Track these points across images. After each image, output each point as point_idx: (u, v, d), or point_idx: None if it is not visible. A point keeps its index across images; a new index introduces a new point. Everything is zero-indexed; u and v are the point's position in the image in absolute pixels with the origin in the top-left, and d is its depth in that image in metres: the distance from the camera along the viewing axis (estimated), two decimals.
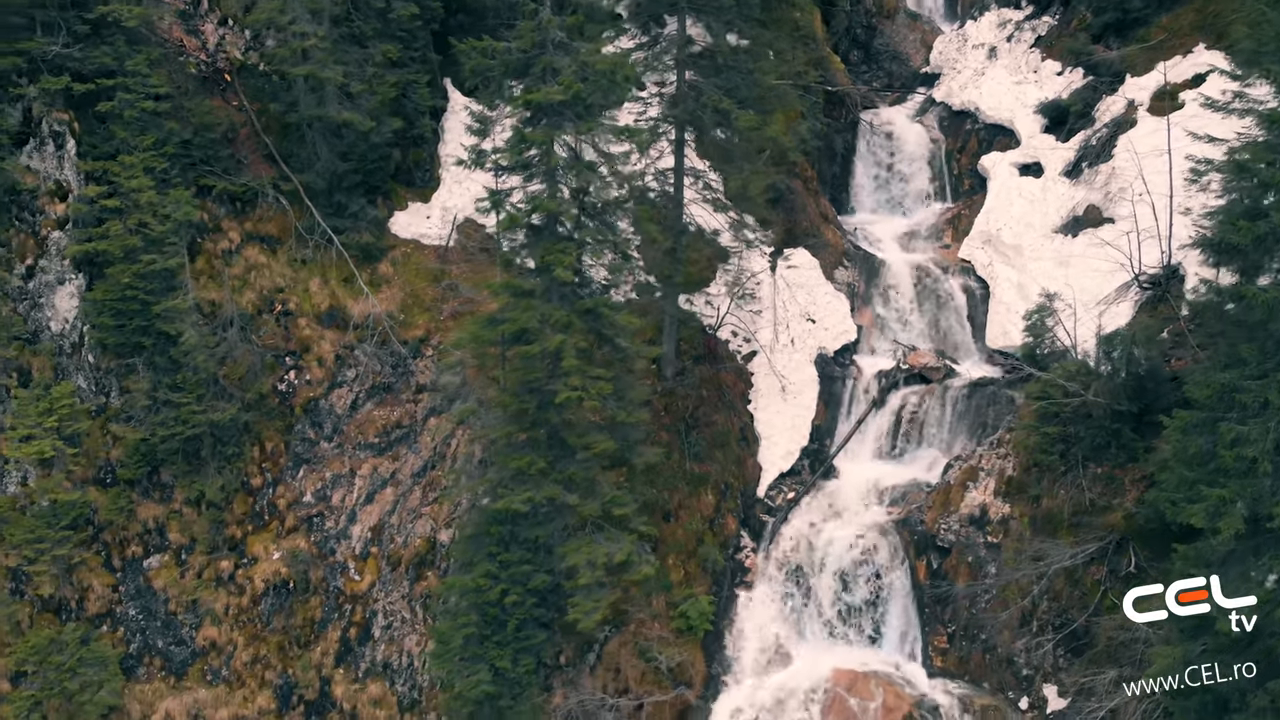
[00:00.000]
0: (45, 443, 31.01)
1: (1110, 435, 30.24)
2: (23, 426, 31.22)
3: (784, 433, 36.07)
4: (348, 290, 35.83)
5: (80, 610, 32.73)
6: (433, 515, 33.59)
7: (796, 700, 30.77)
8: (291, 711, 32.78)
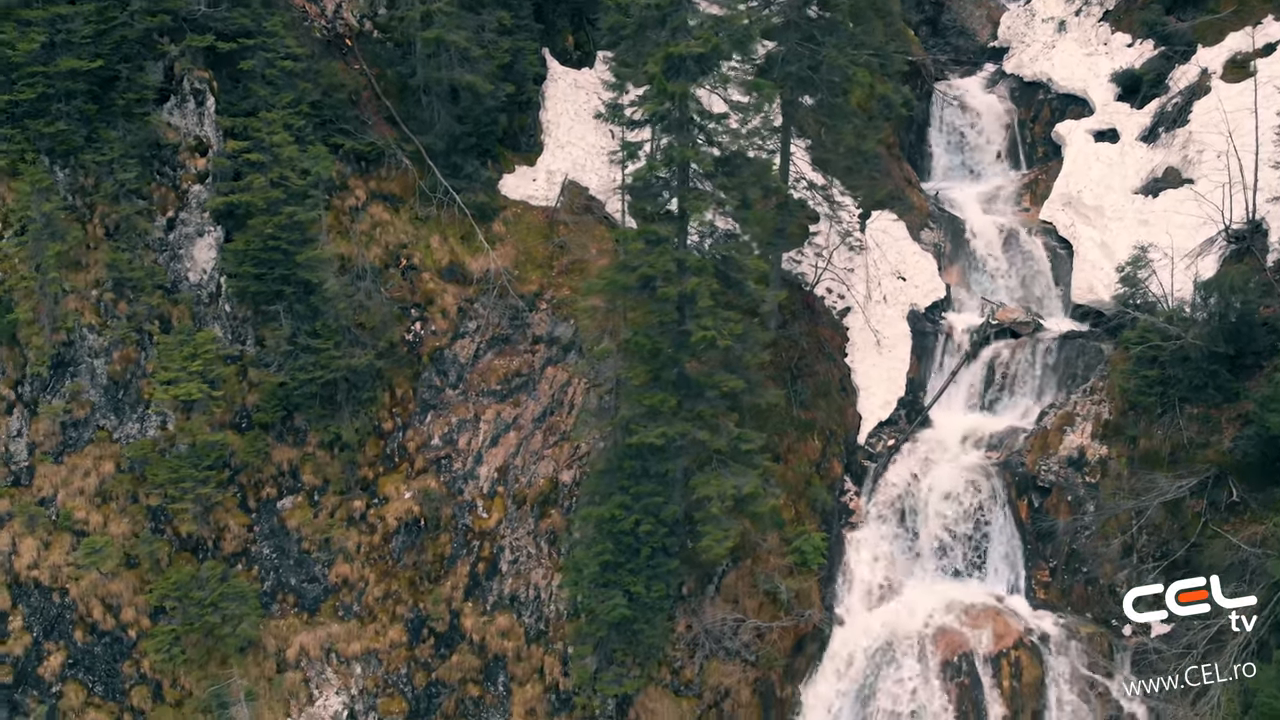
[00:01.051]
0: (191, 385, 32.57)
1: (1207, 376, 31.91)
2: (168, 370, 32.80)
3: (881, 384, 37.73)
4: (465, 247, 37.46)
5: (217, 549, 34.25)
6: (554, 457, 35.20)
7: (908, 629, 32.44)
8: (422, 644, 34.38)
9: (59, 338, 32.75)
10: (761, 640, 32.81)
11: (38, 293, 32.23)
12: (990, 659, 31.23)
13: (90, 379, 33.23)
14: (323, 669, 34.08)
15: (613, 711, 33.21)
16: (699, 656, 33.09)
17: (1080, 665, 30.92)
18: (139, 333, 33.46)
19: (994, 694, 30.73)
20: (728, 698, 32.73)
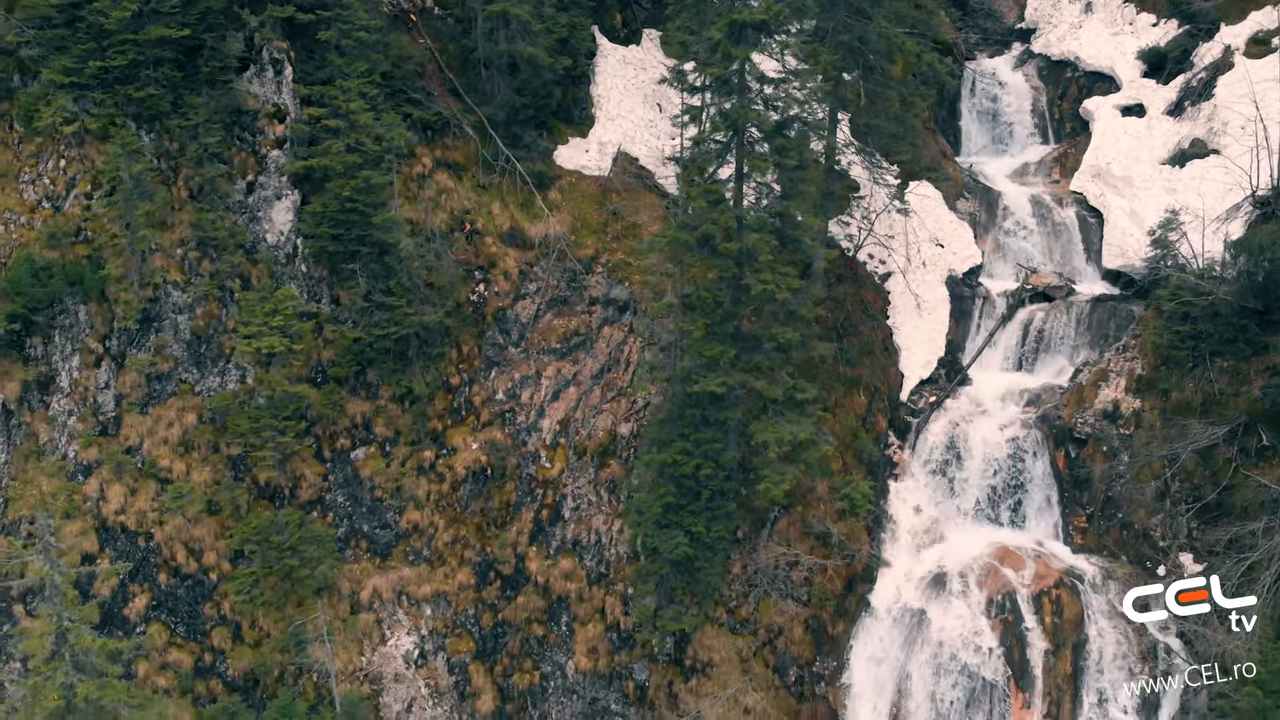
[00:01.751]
0: (272, 339, 34.31)
1: (1237, 331, 33.66)
2: (250, 325, 34.56)
3: (921, 345, 39.46)
4: (524, 213, 39.23)
5: (293, 497, 35.99)
6: (612, 411, 36.97)
7: (954, 571, 34.16)
8: (489, 586, 36.14)
9: (146, 294, 34.48)
10: (812, 581, 34.58)
11: (127, 250, 33.97)
12: (1032, 597, 32.96)
13: (174, 334, 34.97)
14: (394, 610, 35.84)
15: (671, 649, 34.98)
16: (753, 596, 34.86)
17: (1117, 603, 32.61)
18: (221, 290, 35.23)
19: (1036, 629, 32.42)
20: (781, 635, 34.49)
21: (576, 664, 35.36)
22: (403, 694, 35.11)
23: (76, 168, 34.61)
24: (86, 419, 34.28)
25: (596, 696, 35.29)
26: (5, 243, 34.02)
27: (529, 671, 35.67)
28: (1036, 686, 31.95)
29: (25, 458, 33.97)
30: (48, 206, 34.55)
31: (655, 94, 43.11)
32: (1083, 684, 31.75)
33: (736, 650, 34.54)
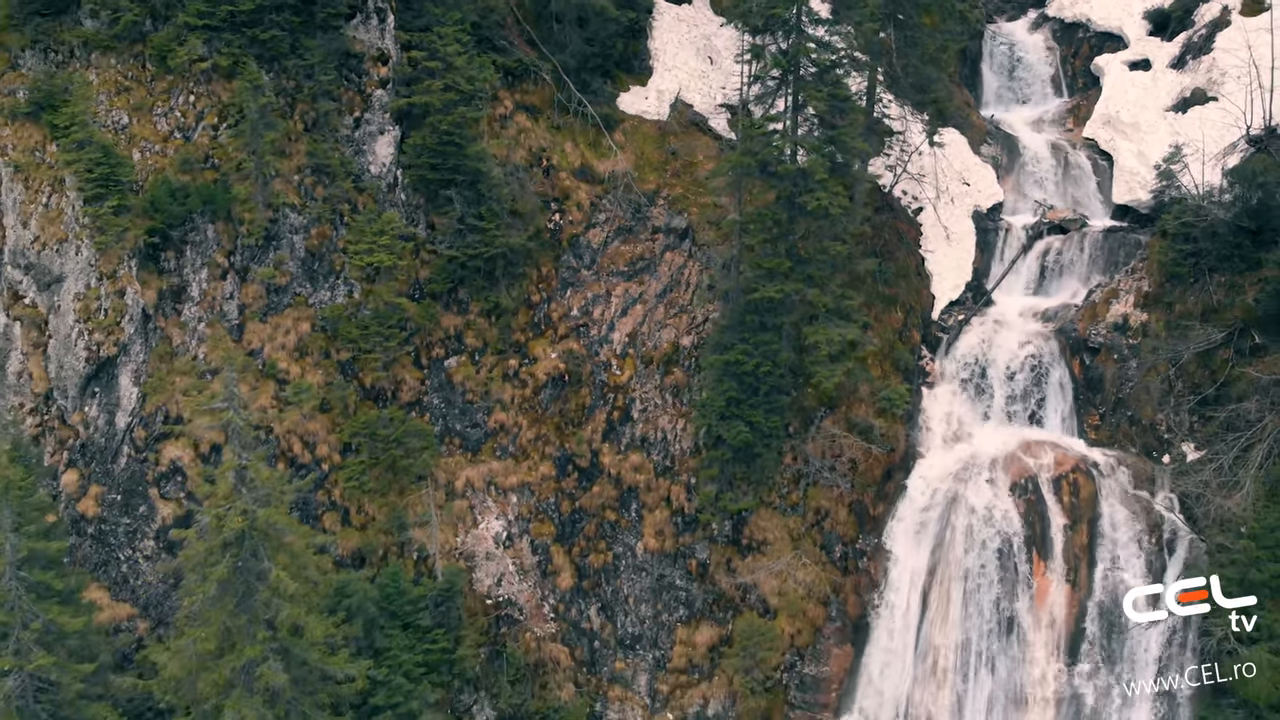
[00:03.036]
0: (380, 255, 38.86)
1: (1233, 248, 38.09)
2: (361, 242, 39.07)
3: (950, 271, 43.92)
4: (593, 152, 43.70)
5: (395, 398, 40.46)
6: (675, 325, 41.42)
7: (981, 459, 38.60)
8: (567, 478, 40.62)
9: (268, 215, 38.97)
10: (855, 470, 39.03)
11: (253, 175, 38.45)
12: (1052, 481, 37.38)
13: (290, 251, 39.44)
14: (484, 498, 40.34)
15: (729, 530, 39.46)
16: (803, 484, 39.30)
17: (1128, 486, 37.05)
18: (333, 213, 39.70)
19: (1055, 507, 36.85)
20: (828, 517, 38.95)
21: (645, 545, 39.87)
22: (493, 570, 39.60)
23: (205, 102, 39.08)
24: (214, 325, 38.80)
25: (663, 573, 39.77)
26: (142, 168, 38.47)
27: (603, 552, 40.18)
28: (1056, 556, 36.38)
29: (161, 358, 38.43)
30: (179, 137, 39.02)
31: (706, 48, 47.58)
32: (1097, 553, 36.16)
33: (788, 530, 39.01)
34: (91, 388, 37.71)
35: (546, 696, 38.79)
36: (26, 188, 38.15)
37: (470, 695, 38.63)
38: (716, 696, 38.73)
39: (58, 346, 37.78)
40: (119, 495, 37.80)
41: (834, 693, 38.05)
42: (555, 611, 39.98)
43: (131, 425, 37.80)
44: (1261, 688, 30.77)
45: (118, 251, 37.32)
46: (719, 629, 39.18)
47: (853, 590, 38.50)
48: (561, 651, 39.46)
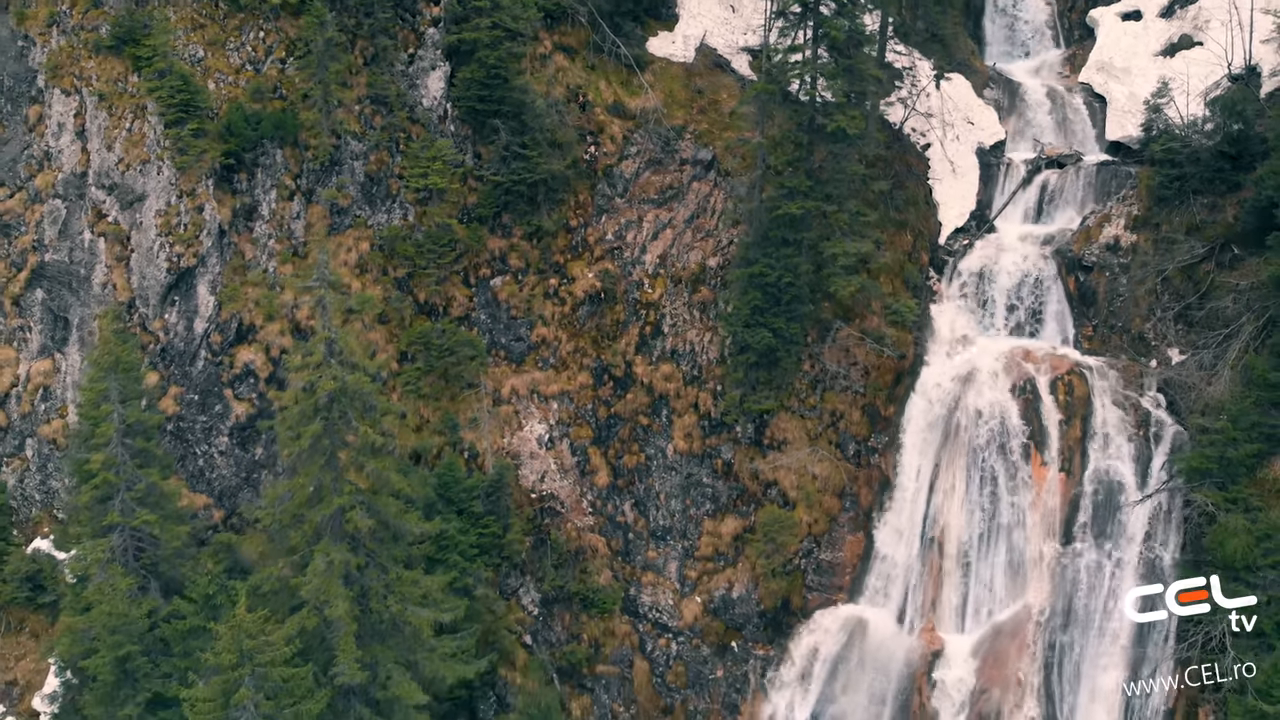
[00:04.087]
0: (435, 178, 42.46)
1: (1215, 172, 41.63)
2: (418, 167, 42.66)
3: (955, 201, 47.43)
4: (625, 90, 47.26)
5: (446, 313, 44.05)
6: (702, 248, 44.96)
7: (983, 365, 42.12)
8: (603, 387, 44.20)
9: (331, 141, 42.55)
10: (868, 376, 42.60)
11: (318, 103, 42.02)
12: (1049, 382, 40.88)
13: (351, 176, 43.04)
14: (528, 405, 43.93)
15: (752, 432, 43.02)
16: (820, 389, 42.86)
17: (1118, 386, 40.56)
18: (390, 141, 43.29)
19: (1051, 405, 40.34)
20: (842, 418, 42.52)
21: (675, 447, 43.46)
22: (537, 468, 43.19)
23: (273, 37, 42.67)
24: (282, 241, 42.38)
25: (691, 472, 43.35)
26: (217, 98, 42.04)
27: (636, 453, 43.77)
28: (1052, 448, 39.92)
29: (234, 271, 42.01)
30: (250, 69, 42.62)
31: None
32: (1089, 445, 39.70)
33: (805, 431, 42.59)
34: (171, 296, 41.30)
35: (586, 580, 42.37)
36: (110, 115, 41.74)
37: (517, 579, 42.25)
38: (740, 581, 42.32)
39: (140, 259, 41.37)
40: (196, 395, 41.42)
41: (848, 576, 41.63)
42: (593, 506, 43.58)
43: (208, 331, 41.40)
44: (1236, 549, 34.29)
45: (196, 171, 40.90)
46: (742, 521, 42.77)
47: (865, 483, 42.08)
48: (599, 541, 43.08)
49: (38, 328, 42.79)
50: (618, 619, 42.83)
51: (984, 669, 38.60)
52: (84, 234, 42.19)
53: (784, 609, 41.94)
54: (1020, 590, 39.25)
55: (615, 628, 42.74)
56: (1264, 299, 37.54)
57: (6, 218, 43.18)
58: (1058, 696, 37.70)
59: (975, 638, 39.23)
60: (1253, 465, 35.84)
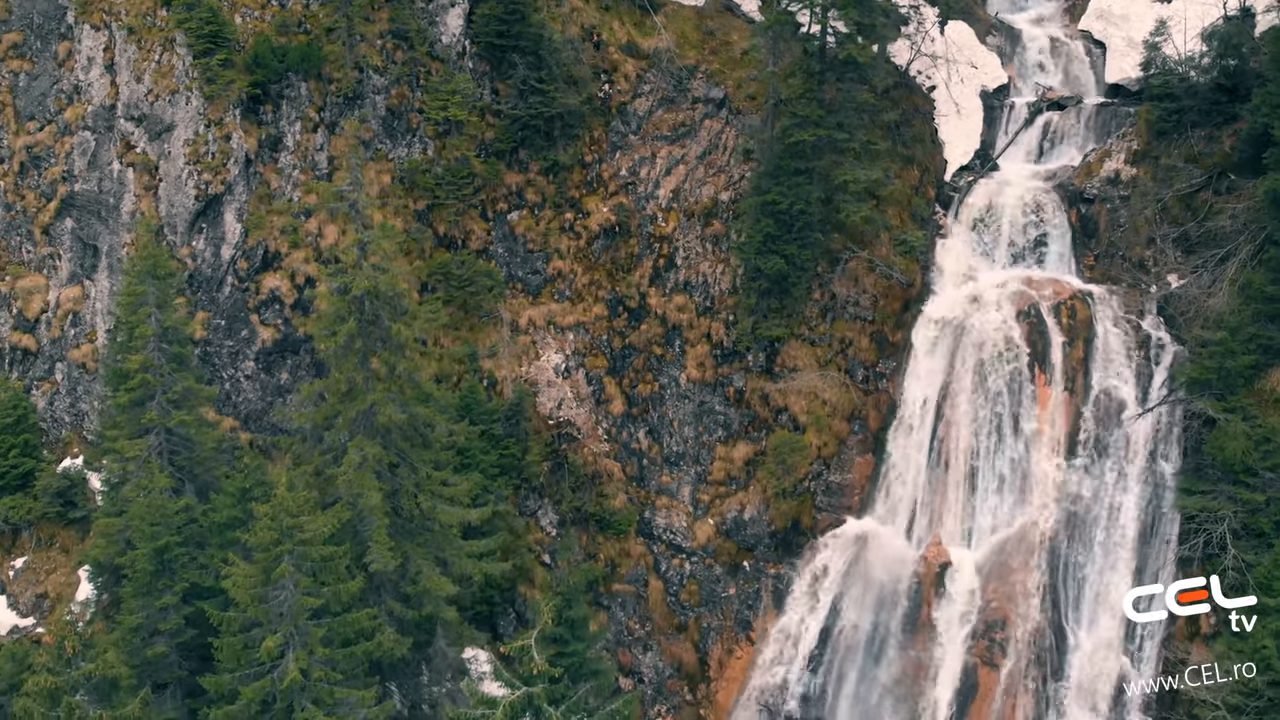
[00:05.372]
0: (454, 110, 43.60)
1: (1212, 105, 42.89)
2: (438, 100, 43.79)
3: (960, 140, 48.66)
4: (638, 31, 48.45)
5: (465, 246, 45.18)
6: (714, 183, 46.16)
7: (990, 293, 43.33)
8: (618, 318, 45.37)
9: (354, 75, 43.67)
10: (876, 304, 43.81)
11: (342, 36, 43.13)
12: (1052, 307, 42.11)
13: (373, 109, 44.16)
14: (545, 335, 45.05)
15: (763, 361, 44.19)
16: (829, 317, 44.04)
17: (1119, 310, 41.81)
18: (411, 75, 44.42)
19: (1055, 328, 41.54)
20: (851, 345, 43.71)
21: (688, 375, 44.64)
22: (554, 395, 44.30)
23: None
24: (306, 172, 43.48)
25: (704, 400, 44.52)
26: (244, 31, 43.15)
27: (650, 382, 44.94)
28: (1056, 370, 41.13)
29: (260, 200, 43.10)
30: (275, 3, 43.73)
31: None
32: (1092, 366, 40.93)
33: (816, 358, 43.76)
34: (199, 224, 42.37)
35: (603, 503, 43.48)
36: (139, 47, 42.85)
37: (535, 501, 43.35)
38: (751, 503, 43.48)
39: (168, 187, 42.45)
40: (223, 320, 42.48)
41: (856, 497, 42.82)
42: (608, 434, 44.70)
43: (235, 258, 42.49)
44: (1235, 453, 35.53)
45: (224, 101, 41.99)
46: (754, 446, 43.93)
47: (874, 407, 43.28)
48: (614, 466, 44.20)
49: (67, 256, 43.88)
50: (633, 540, 43.96)
51: (990, 582, 39.76)
52: (113, 164, 43.27)
53: (794, 529, 43.10)
54: (1025, 505, 40.42)
55: (630, 549, 43.86)
56: (1260, 219, 38.78)
57: (37, 150, 44.27)
58: (1063, 606, 38.86)
59: (982, 552, 40.40)
60: (1250, 376, 37.07)
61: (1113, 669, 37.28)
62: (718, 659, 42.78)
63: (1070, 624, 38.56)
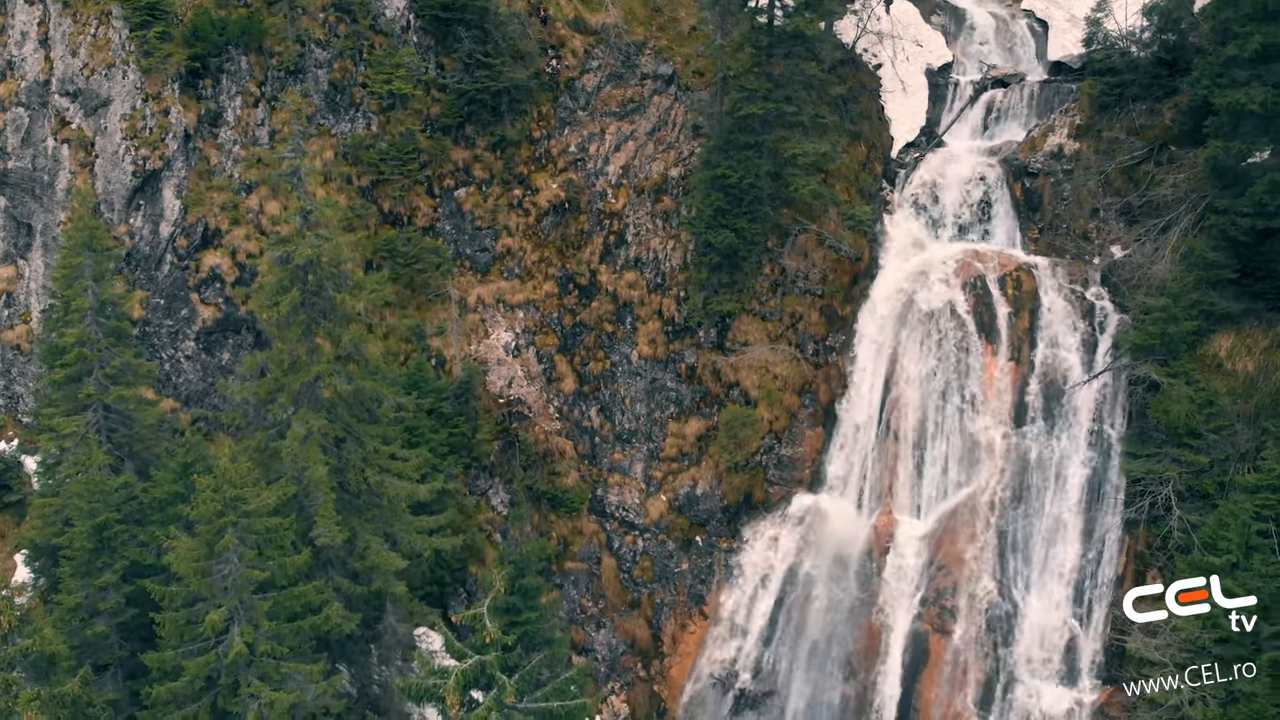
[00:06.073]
0: (399, 83, 43.01)
1: (1152, 78, 43.53)
2: (381, 74, 43.17)
3: (906, 117, 48.96)
4: (585, 7, 48.12)
5: (411, 223, 44.58)
6: (664, 159, 45.99)
7: (936, 266, 43.62)
8: (568, 295, 45.04)
9: (295, 49, 42.90)
10: (826, 279, 43.90)
11: (284, 8, 42.35)
12: (998, 278, 42.46)
13: (315, 84, 43.42)
14: (494, 313, 44.62)
15: (715, 336, 44.13)
16: (780, 292, 44.09)
17: (1064, 281, 42.28)
18: (354, 49, 43.74)
19: (1001, 299, 41.91)
20: (801, 319, 43.77)
21: (639, 352, 44.44)
22: (504, 373, 43.88)
23: None
24: (247, 147, 42.64)
25: (656, 376, 44.36)
26: (183, 4, 42.17)
27: (601, 360, 44.68)
28: (1002, 339, 41.49)
29: (200, 176, 42.20)
30: None
31: None
32: (1038, 335, 41.36)
33: (766, 333, 43.79)
34: (137, 200, 41.39)
35: (554, 481, 43.15)
36: (75, 21, 41.74)
37: (486, 480, 42.90)
38: (704, 478, 43.40)
39: (105, 164, 41.41)
40: (162, 300, 41.54)
41: (807, 469, 42.90)
42: (560, 412, 44.38)
43: (174, 235, 41.55)
44: (1179, 416, 36.04)
45: (161, 74, 41.05)
46: (706, 422, 43.86)
47: (824, 380, 43.38)
48: (566, 444, 43.89)
49: (0, 235, 42.65)
50: (585, 518, 43.70)
51: (940, 548, 40.03)
52: (47, 141, 42.15)
53: (746, 503, 43.11)
54: (973, 474, 40.72)
55: (583, 527, 43.60)
56: (1200, 188, 39.40)
57: None
58: (1011, 570, 39.21)
59: (931, 521, 40.68)
60: (1193, 342, 37.64)
61: (1062, 632, 37.69)
62: (671, 634, 42.67)
63: (1019, 588, 38.92)
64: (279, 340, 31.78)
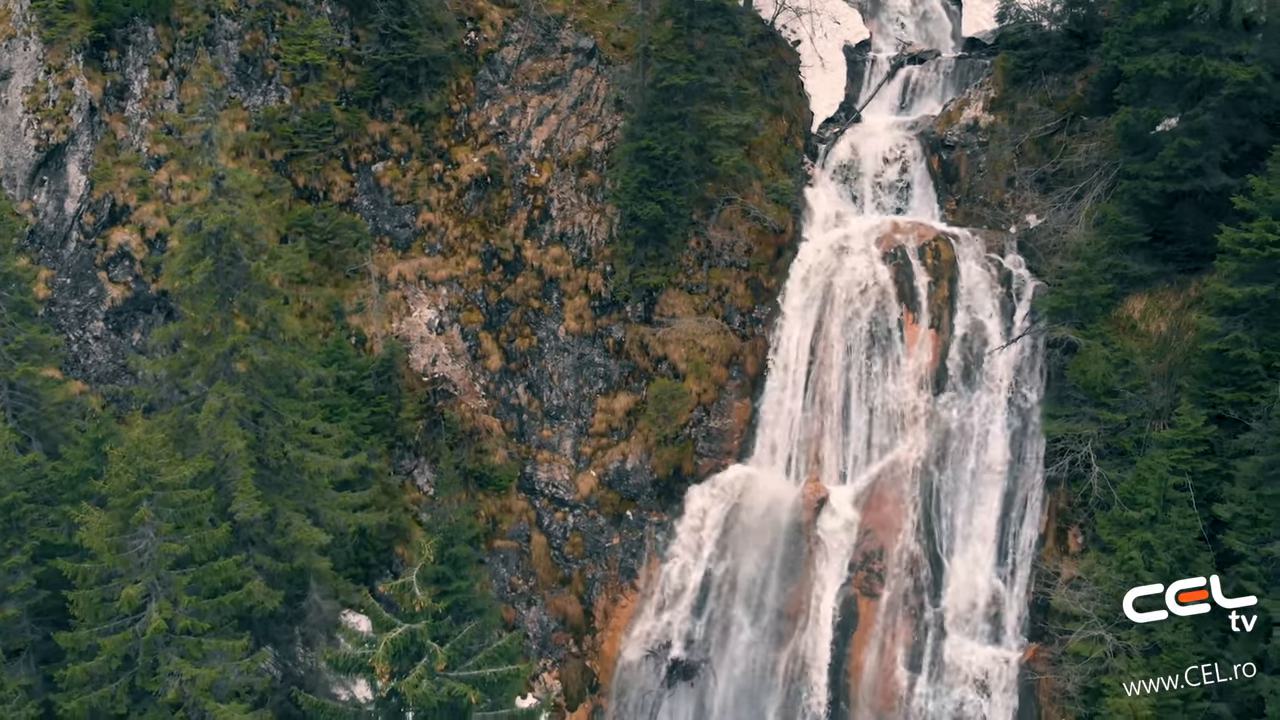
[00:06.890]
0: (312, 54, 42.04)
1: (1064, 51, 44.53)
2: (294, 45, 42.13)
3: (826, 93, 49.42)
4: None
5: (327, 198, 43.57)
6: (587, 134, 45.65)
7: (857, 238, 44.06)
8: (493, 271, 44.45)
9: (205, 19, 41.63)
10: (750, 252, 44.01)
11: None
12: (917, 249, 43.01)
13: (225, 55, 42.20)
14: (417, 290, 43.84)
15: (642, 311, 43.95)
16: (705, 265, 44.08)
17: (981, 249, 43.01)
18: (265, 20, 42.60)
19: (920, 269, 42.45)
20: (728, 292, 43.82)
21: (566, 328, 44.08)
22: (428, 352, 43.14)
23: None
24: (155, 121, 41.26)
25: (583, 352, 44.04)
26: None
27: (528, 336, 44.22)
28: (922, 308, 42.02)
29: (106, 150, 40.72)
30: None
31: None
32: (957, 303, 41.97)
33: (693, 306, 43.75)
34: (40, 176, 39.78)
35: (482, 460, 42.56)
36: None
37: (411, 460, 42.14)
38: (633, 453, 43.21)
39: (5, 138, 39.73)
40: (69, 278, 40.01)
41: (736, 441, 42.99)
42: (486, 390, 43.80)
43: (80, 211, 40.04)
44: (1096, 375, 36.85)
45: (65, 45, 39.52)
46: (634, 397, 43.67)
47: (751, 352, 43.50)
48: (494, 422, 43.34)
49: None
50: (514, 496, 43.20)
51: (867, 513, 40.42)
52: None
53: (676, 476, 43.03)
54: (898, 439, 41.19)
55: (512, 505, 43.10)
56: (1112, 155, 40.36)
57: None
58: (937, 534, 39.76)
59: (857, 486, 41.05)
60: (1108, 305, 38.53)
61: (987, 590, 38.31)
62: (603, 609, 42.40)
63: (944, 550, 39.48)
64: (192, 312, 30.74)
